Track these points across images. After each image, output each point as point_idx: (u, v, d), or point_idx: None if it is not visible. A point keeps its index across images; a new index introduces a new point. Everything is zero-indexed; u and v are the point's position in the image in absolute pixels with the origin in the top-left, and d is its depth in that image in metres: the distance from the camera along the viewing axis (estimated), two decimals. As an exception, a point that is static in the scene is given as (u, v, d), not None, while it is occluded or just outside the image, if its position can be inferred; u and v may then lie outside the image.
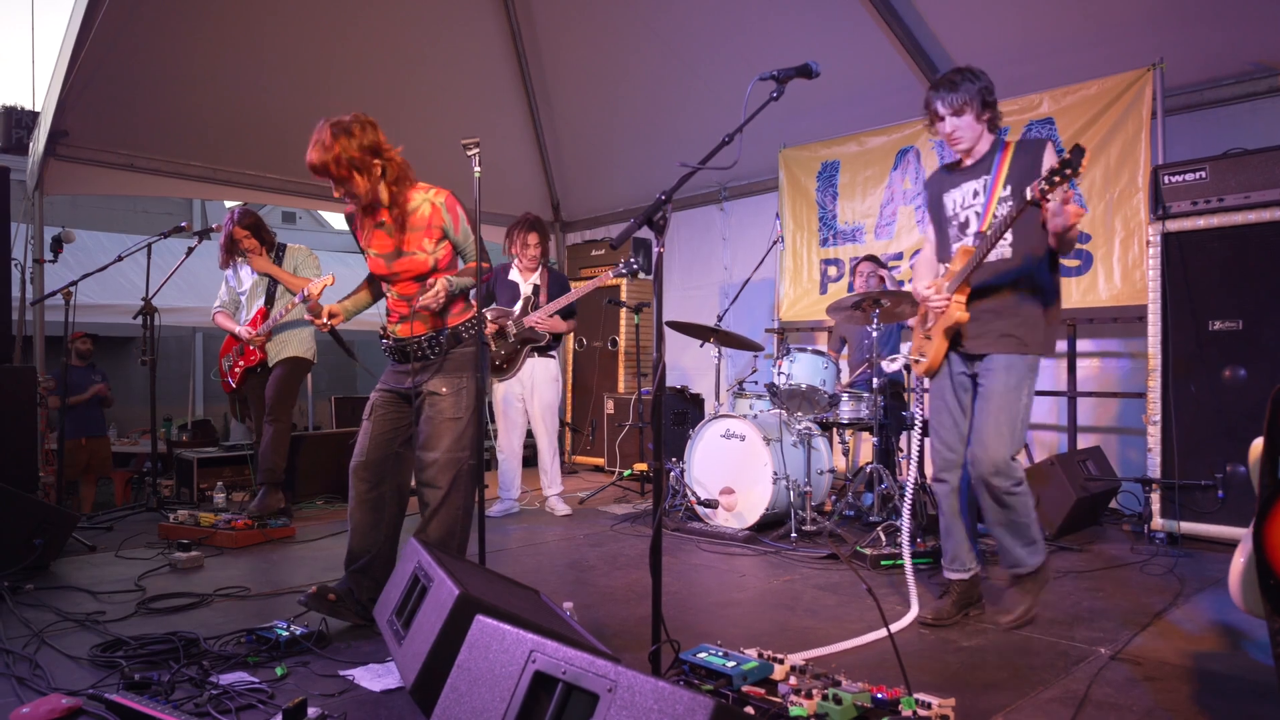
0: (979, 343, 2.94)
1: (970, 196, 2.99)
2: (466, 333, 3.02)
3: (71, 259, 7.10)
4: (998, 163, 2.92)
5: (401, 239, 2.95)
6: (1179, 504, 4.13)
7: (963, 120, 2.92)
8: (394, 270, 2.99)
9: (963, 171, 3.04)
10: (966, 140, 2.96)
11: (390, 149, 2.86)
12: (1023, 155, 2.89)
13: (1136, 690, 2.41)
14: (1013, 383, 2.87)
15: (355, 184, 2.80)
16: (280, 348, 4.90)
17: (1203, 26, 4.65)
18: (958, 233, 3.03)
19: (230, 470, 5.89)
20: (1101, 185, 4.96)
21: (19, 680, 2.39)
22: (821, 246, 6.35)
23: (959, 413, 3.03)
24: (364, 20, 6.33)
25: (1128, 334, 5.08)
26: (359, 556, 3.00)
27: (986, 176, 2.94)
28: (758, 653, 2.39)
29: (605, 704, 1.57)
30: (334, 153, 2.72)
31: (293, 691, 2.31)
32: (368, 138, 2.78)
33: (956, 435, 3.03)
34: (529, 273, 5.25)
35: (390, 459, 3.02)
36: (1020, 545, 2.96)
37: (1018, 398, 2.87)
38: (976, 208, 2.96)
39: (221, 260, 4.98)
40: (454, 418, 2.94)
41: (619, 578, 3.73)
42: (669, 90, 6.92)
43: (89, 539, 4.28)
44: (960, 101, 2.89)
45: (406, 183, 2.92)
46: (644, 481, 6.06)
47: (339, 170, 2.75)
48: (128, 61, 5.58)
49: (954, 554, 3.11)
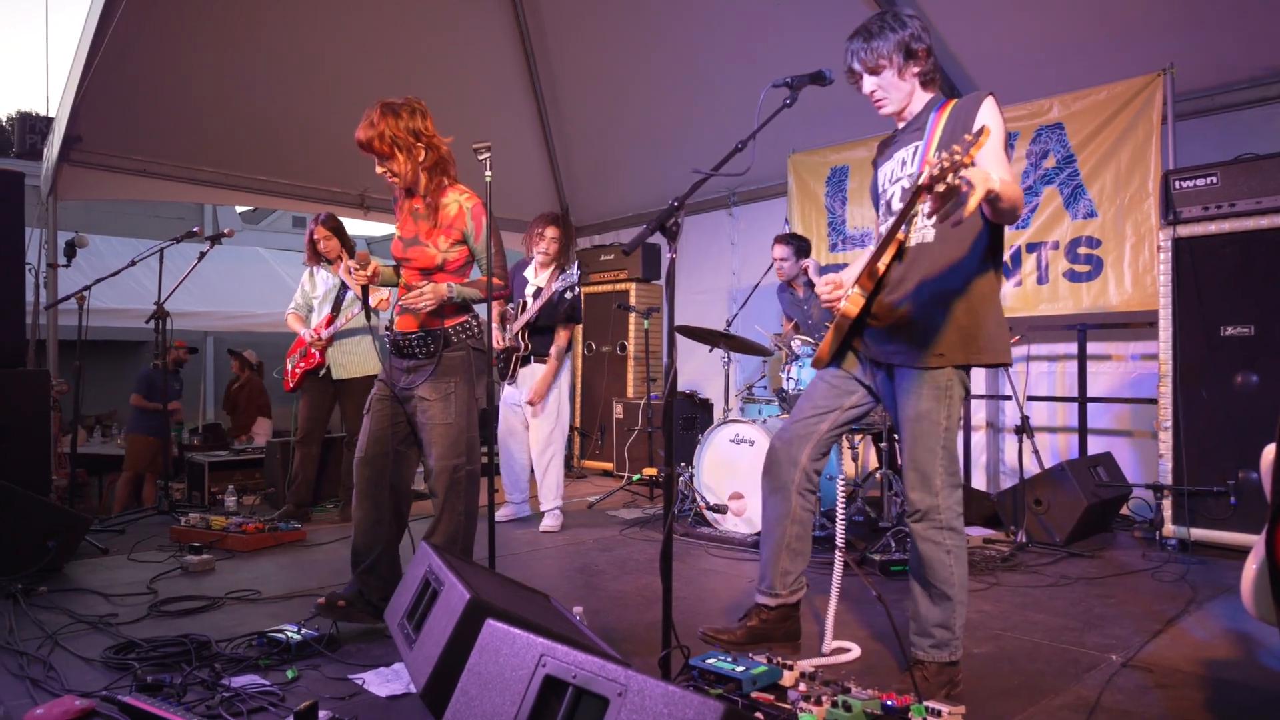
0: (884, 350, 2.46)
1: (899, 167, 2.49)
2: (457, 336, 3.01)
3: (85, 264, 7.16)
4: (931, 123, 2.40)
5: (423, 228, 2.99)
6: (1190, 510, 4.11)
7: (882, 79, 2.45)
8: (405, 256, 3.02)
9: (896, 139, 2.57)
10: (892, 102, 2.49)
11: (436, 136, 2.94)
12: (958, 110, 2.39)
13: (1148, 698, 2.39)
14: (925, 406, 2.37)
15: (397, 162, 2.89)
16: (358, 362, 4.98)
17: (1214, 31, 4.64)
18: (884, 214, 2.55)
19: (241, 474, 5.92)
20: (1112, 190, 4.94)
21: (33, 682, 2.40)
22: (830, 252, 6.34)
23: (819, 409, 2.63)
24: (374, 26, 6.36)
25: (1138, 339, 5.06)
26: (363, 555, 3.01)
27: (918, 143, 2.43)
28: (767, 658, 2.39)
29: (615, 708, 1.57)
30: (379, 129, 2.84)
31: (304, 694, 2.31)
32: (415, 121, 2.88)
33: (802, 429, 2.64)
34: (541, 269, 5.05)
35: (389, 456, 3.03)
36: (932, 618, 2.42)
37: (935, 423, 2.37)
38: (904, 181, 2.46)
39: (307, 257, 5.12)
40: (444, 423, 2.94)
41: (628, 582, 3.74)
42: (678, 95, 6.93)
43: (101, 542, 4.30)
44: (876, 57, 2.42)
45: (444, 174, 2.98)
46: (653, 486, 6.07)
47: (382, 146, 2.85)
48: (140, 68, 5.62)
49: (763, 571, 2.78)
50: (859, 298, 2.41)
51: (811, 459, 2.66)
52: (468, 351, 3.03)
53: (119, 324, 8.11)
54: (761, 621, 2.79)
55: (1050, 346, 5.42)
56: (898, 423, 2.46)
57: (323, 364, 4.96)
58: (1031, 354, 5.45)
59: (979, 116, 2.31)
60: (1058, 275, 5.16)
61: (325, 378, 5.00)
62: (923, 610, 2.45)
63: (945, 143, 2.32)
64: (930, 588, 2.43)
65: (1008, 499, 4.57)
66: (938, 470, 2.38)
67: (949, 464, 2.40)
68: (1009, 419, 5.56)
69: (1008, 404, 5.55)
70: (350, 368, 4.99)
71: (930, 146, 2.37)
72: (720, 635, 2.79)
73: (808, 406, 2.67)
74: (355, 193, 7.08)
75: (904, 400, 2.43)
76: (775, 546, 2.73)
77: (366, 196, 7.12)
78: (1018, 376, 5.20)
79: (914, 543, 2.45)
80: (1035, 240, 5.25)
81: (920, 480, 2.40)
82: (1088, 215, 5.04)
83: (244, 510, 5.20)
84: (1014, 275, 5.31)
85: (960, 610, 2.42)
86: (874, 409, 2.68)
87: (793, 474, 2.66)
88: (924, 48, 2.44)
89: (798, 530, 2.71)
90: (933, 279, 2.37)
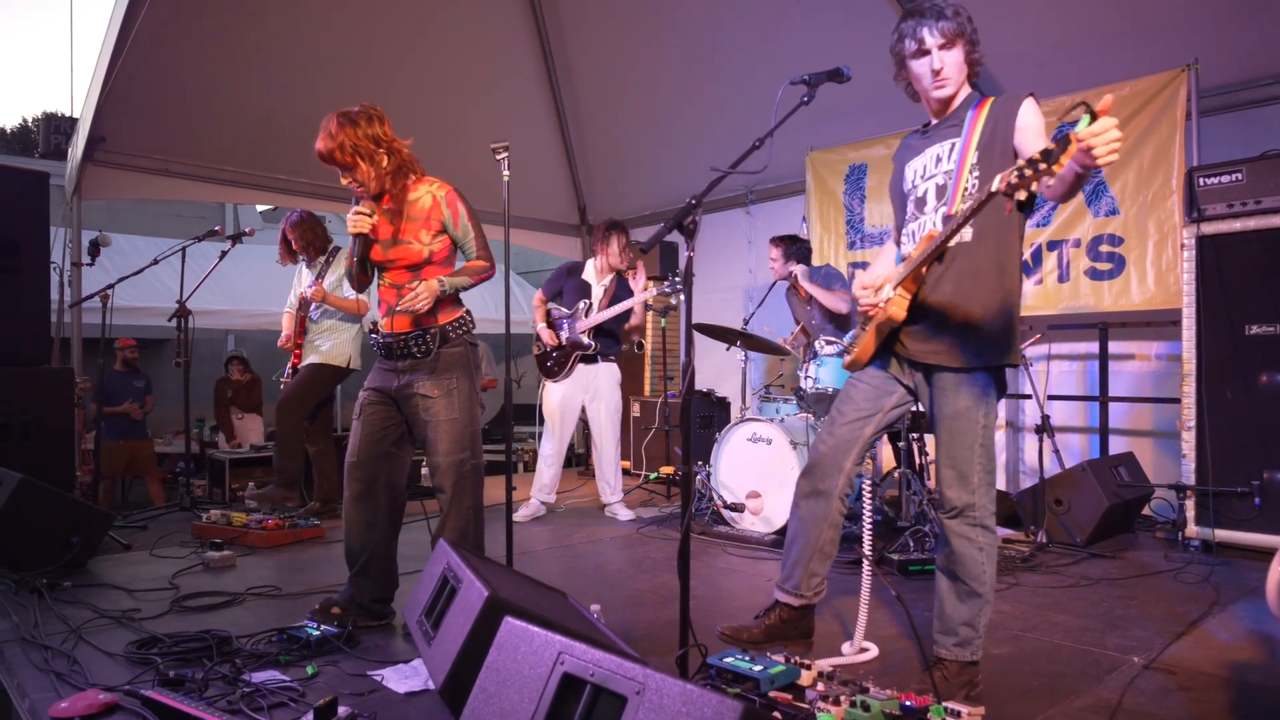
0: (924, 351, 2.44)
1: (933, 164, 2.45)
2: (454, 332, 3.01)
3: (108, 262, 7.22)
4: (970, 120, 2.36)
5: (399, 227, 2.97)
6: (1214, 511, 4.06)
7: (951, 55, 2.37)
8: (388, 257, 2.99)
9: (929, 133, 2.52)
10: (952, 83, 2.42)
11: (396, 140, 2.92)
12: (997, 110, 2.36)
13: (1171, 700, 2.37)
14: (964, 405, 2.38)
15: (361, 171, 2.87)
16: (310, 351, 4.97)
17: (1238, 26, 4.58)
18: (914, 210, 2.51)
19: (261, 471, 5.98)
20: (1135, 188, 4.89)
21: (58, 675, 2.43)
22: (849, 250, 6.32)
23: (863, 413, 2.60)
24: (395, 28, 6.39)
25: (1161, 338, 5.01)
26: (357, 556, 3.02)
27: (956, 139, 2.39)
28: (784, 657, 2.38)
29: (633, 706, 1.57)
30: (339, 140, 2.82)
31: (323, 690, 2.33)
32: (374, 128, 2.87)
33: (848, 434, 2.61)
34: (603, 274, 5.19)
35: (381, 458, 3.02)
36: (959, 616, 2.43)
37: (973, 420, 2.38)
38: (938, 178, 2.42)
39: (280, 256, 5.15)
40: (449, 419, 2.94)
41: (645, 581, 3.74)
42: (695, 93, 6.92)
43: (124, 538, 4.35)
44: (954, 31, 2.35)
45: (409, 173, 2.96)
46: (670, 485, 6.06)
47: (344, 157, 2.84)
48: (163, 69, 5.68)
49: (789, 571, 2.76)
50: (904, 299, 2.41)
51: (855, 464, 2.65)
52: (465, 346, 3.03)
53: (142, 322, 8.19)
54: (781, 620, 2.79)
55: (1071, 345, 5.37)
56: (933, 421, 2.46)
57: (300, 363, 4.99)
58: (1052, 353, 5.41)
59: (1020, 115, 2.30)
60: (1079, 273, 5.12)
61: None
62: (948, 608, 2.46)
63: (985, 143, 2.32)
64: (959, 584, 2.43)
65: (1028, 499, 4.54)
66: (976, 468, 2.39)
67: (987, 462, 2.41)
68: (1029, 418, 5.52)
69: (1028, 403, 5.50)
70: (309, 357, 4.97)
71: (970, 144, 2.34)
72: (740, 634, 2.79)
73: (850, 410, 2.64)
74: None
75: (942, 400, 2.43)
76: (807, 548, 2.71)
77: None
78: (1038, 375, 5.16)
79: (946, 539, 2.44)
80: (1056, 238, 5.20)
81: (957, 477, 2.40)
82: (1110, 213, 4.99)
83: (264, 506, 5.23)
84: (1035, 274, 5.26)
85: (986, 610, 2.43)
86: (912, 408, 2.66)
87: (837, 480, 2.64)
88: (978, 40, 2.43)
89: (832, 534, 2.71)
90: (972, 279, 2.37)
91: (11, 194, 4.61)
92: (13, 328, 4.53)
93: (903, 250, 2.58)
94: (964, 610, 2.42)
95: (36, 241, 4.71)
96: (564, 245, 8.72)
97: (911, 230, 2.52)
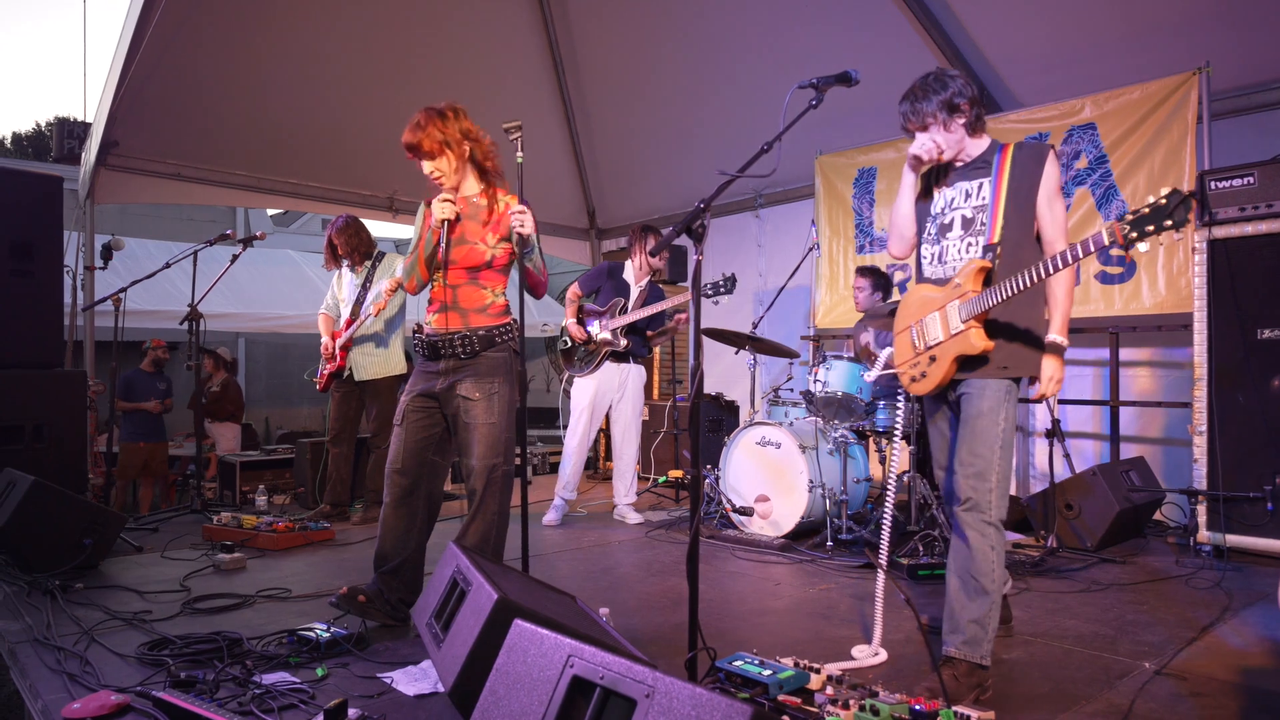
0: (970, 369, 2.58)
1: (962, 198, 2.66)
2: (501, 337, 3.04)
3: (121, 266, 7.29)
4: (998, 164, 2.60)
5: (469, 227, 3.04)
6: (1226, 516, 4.04)
7: (931, 134, 2.62)
8: (452, 256, 3.03)
9: (956, 170, 2.72)
10: (950, 151, 2.65)
11: (480, 133, 3.06)
12: (1023, 158, 2.59)
13: (1182, 706, 2.36)
14: (987, 406, 2.51)
15: (446, 160, 2.98)
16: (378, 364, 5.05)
17: (1249, 28, 4.56)
18: (938, 234, 2.69)
19: (272, 473, 6.00)
20: (1145, 191, 4.87)
21: (70, 676, 2.45)
22: (858, 254, 6.31)
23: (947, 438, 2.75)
24: (404, 32, 6.42)
25: (1172, 343, 4.98)
26: (390, 559, 3.04)
27: (984, 179, 2.62)
28: (794, 661, 2.38)
29: (643, 710, 1.57)
30: (426, 130, 2.94)
31: (333, 692, 2.34)
32: (461, 123, 3.00)
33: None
34: (641, 274, 5.23)
35: (424, 466, 3.06)
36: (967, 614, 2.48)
37: (994, 421, 2.51)
38: (966, 211, 2.62)
39: (325, 261, 5.23)
40: (487, 423, 2.96)
41: (654, 584, 3.74)
42: (704, 97, 6.93)
43: (136, 540, 4.37)
44: (921, 117, 2.60)
45: (494, 167, 3.09)
46: (678, 488, 6.06)
47: (431, 146, 2.94)
48: (176, 74, 5.71)
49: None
50: (979, 329, 2.49)
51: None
52: (509, 353, 3.06)
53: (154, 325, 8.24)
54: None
55: (1082, 350, 5.35)
56: (960, 424, 2.57)
57: (344, 367, 5.02)
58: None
59: (1046, 173, 2.54)
60: (1089, 277, 5.10)
61: (350, 380, 5.06)
62: (957, 606, 2.51)
63: (1014, 188, 2.55)
64: (969, 580, 2.49)
65: (1038, 503, 4.52)
66: (995, 465, 2.49)
67: (1005, 462, 2.50)
68: (1039, 422, 5.49)
69: (1038, 407, 5.48)
70: (370, 369, 5.03)
71: (1001, 182, 2.57)
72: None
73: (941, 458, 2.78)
74: (384, 195, 7.15)
75: (966, 404, 2.56)
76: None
77: (395, 199, 7.19)
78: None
79: (960, 533, 2.51)
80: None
81: (977, 473, 2.49)
82: (1120, 217, 4.96)
83: (274, 509, 5.25)
84: (1045, 277, 5.23)
85: (995, 611, 2.48)
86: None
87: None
88: (966, 101, 2.59)
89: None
90: (1026, 304, 2.53)
91: (26, 199, 4.65)
92: (26, 331, 4.57)
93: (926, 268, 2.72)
94: (972, 608, 2.48)
95: (50, 245, 4.75)
96: (573, 249, 8.75)
97: (935, 252, 2.69)
